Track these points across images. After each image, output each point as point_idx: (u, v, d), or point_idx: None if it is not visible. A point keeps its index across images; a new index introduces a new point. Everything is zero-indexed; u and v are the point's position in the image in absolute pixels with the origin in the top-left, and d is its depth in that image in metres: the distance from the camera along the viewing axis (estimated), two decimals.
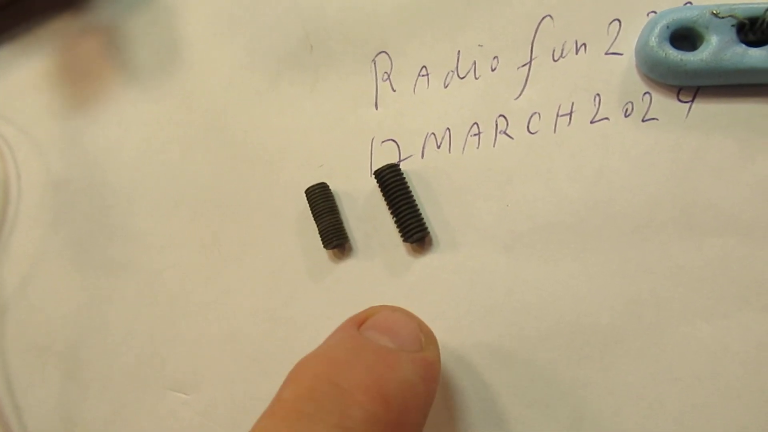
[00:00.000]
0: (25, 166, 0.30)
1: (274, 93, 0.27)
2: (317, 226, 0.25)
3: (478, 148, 0.24)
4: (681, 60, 0.21)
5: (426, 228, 0.24)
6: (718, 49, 0.21)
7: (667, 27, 0.22)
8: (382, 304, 0.22)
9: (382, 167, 0.24)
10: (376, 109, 0.26)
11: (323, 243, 0.25)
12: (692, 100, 0.22)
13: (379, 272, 0.24)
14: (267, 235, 0.26)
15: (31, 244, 0.29)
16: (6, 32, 0.31)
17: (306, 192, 0.25)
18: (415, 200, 0.24)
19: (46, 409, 0.28)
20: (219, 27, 0.28)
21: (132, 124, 0.29)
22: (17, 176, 0.30)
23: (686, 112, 0.22)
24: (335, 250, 0.25)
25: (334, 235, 0.25)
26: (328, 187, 0.25)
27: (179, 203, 0.28)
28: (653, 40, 0.22)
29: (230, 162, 0.27)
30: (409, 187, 0.24)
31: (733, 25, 0.21)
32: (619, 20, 0.23)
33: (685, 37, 0.22)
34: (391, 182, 0.24)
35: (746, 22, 0.21)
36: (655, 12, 0.23)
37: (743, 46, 0.21)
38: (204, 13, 0.29)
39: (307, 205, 0.25)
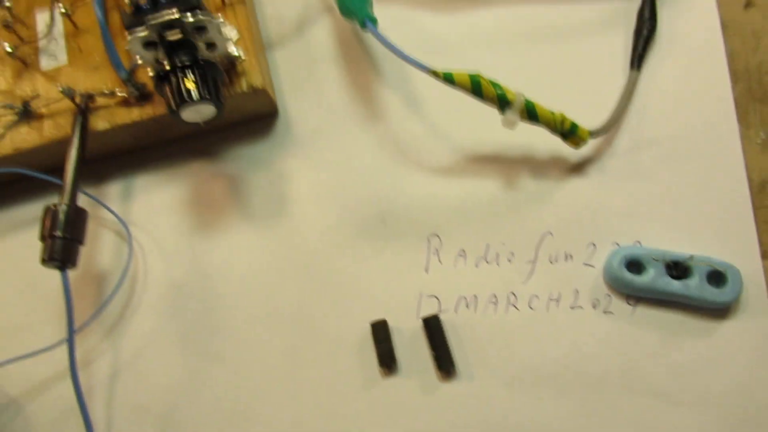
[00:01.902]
0: (152, 267, 0.39)
1: (351, 248, 0.38)
2: (376, 349, 0.35)
3: (495, 313, 0.36)
4: (631, 280, 0.34)
5: (453, 363, 0.35)
6: (654, 277, 0.34)
7: (624, 257, 0.34)
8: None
9: (428, 316, 0.35)
10: (426, 273, 0.37)
11: (379, 362, 0.35)
12: (635, 305, 0.35)
13: (414, 389, 0.35)
14: (334, 353, 0.36)
15: (147, 325, 0.38)
16: (153, 164, 0.41)
17: (372, 324, 0.36)
18: (447, 341, 0.35)
19: None
20: (318, 194, 0.40)
21: (241, 251, 0.39)
22: (144, 273, 0.39)
23: (632, 312, 0.34)
24: (385, 368, 0.36)
25: (387, 357, 0.35)
26: (387, 323, 0.36)
27: (269, 315, 0.38)
28: (614, 265, 0.34)
29: (314, 292, 0.38)
30: (444, 331, 0.35)
31: (664, 264, 0.34)
32: (594, 244, 0.36)
33: (635, 264, 0.35)
34: (433, 327, 0.35)
35: (671, 263, 0.34)
36: (618, 243, 0.36)
37: (669, 278, 0.34)
38: (308, 182, 0.40)
39: (370, 333, 0.36)
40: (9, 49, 0.39)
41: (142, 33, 0.33)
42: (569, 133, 0.35)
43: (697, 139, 0.37)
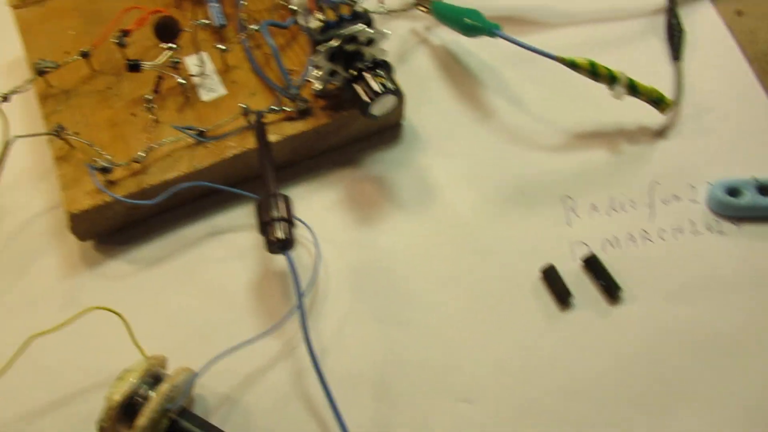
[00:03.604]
0: (329, 259, 0.43)
1: (501, 217, 0.45)
2: (551, 289, 0.42)
3: (636, 247, 0.43)
4: (736, 202, 0.43)
5: (619, 287, 0.41)
6: (752, 197, 0.43)
7: (726, 187, 0.44)
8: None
9: (587, 255, 0.42)
10: (569, 226, 0.44)
11: (557, 299, 0.41)
12: (739, 224, 0.44)
13: (591, 317, 0.41)
14: (513, 301, 0.42)
15: (340, 308, 0.42)
16: (305, 176, 0.46)
17: (542, 270, 0.42)
18: (609, 272, 0.42)
19: (362, 421, 0.38)
20: (457, 179, 0.46)
21: (403, 234, 0.44)
22: (325, 266, 0.43)
23: (738, 229, 0.44)
24: (563, 304, 0.42)
25: (564, 293, 0.41)
26: (554, 266, 0.42)
27: (443, 281, 0.43)
28: (719, 194, 0.44)
29: (478, 257, 0.43)
30: (604, 264, 0.42)
31: (756, 186, 0.44)
32: (692, 186, 0.45)
33: (732, 191, 0.44)
34: (593, 263, 0.42)
35: (761, 185, 0.44)
36: (709, 182, 0.45)
37: (762, 196, 0.43)
38: (445, 171, 0.47)
39: (539, 279, 0.42)
40: (182, 81, 0.44)
41: (334, 43, 0.40)
42: (659, 101, 0.45)
43: (738, 98, 0.49)
